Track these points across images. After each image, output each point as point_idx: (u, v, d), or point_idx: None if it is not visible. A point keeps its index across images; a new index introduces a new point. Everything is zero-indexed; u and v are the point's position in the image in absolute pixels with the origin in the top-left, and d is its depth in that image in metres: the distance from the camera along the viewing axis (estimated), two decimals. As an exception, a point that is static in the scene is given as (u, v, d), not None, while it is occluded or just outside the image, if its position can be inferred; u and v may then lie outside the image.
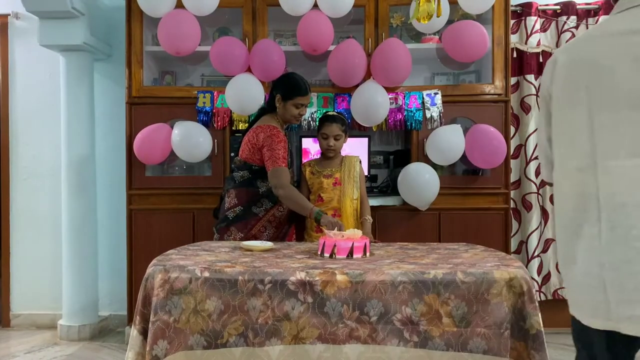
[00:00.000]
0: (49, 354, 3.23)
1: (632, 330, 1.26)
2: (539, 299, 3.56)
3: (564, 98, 1.42)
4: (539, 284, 3.59)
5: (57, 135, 3.65)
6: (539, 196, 3.59)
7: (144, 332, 1.69)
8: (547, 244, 3.59)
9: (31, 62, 3.81)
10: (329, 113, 2.86)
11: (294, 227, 2.85)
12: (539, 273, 3.58)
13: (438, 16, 2.27)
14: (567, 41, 3.53)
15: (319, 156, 2.98)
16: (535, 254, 3.56)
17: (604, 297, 1.29)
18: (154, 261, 1.80)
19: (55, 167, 3.70)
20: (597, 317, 1.32)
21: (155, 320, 1.63)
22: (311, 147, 3.42)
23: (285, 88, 2.65)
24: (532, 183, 3.55)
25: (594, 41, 1.37)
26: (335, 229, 2.30)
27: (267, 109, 2.75)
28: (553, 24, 3.58)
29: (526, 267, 3.50)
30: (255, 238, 2.60)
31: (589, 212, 1.32)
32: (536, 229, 3.56)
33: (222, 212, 2.72)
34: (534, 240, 3.56)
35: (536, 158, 3.57)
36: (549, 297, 3.59)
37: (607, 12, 3.52)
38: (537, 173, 3.57)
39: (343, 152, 2.96)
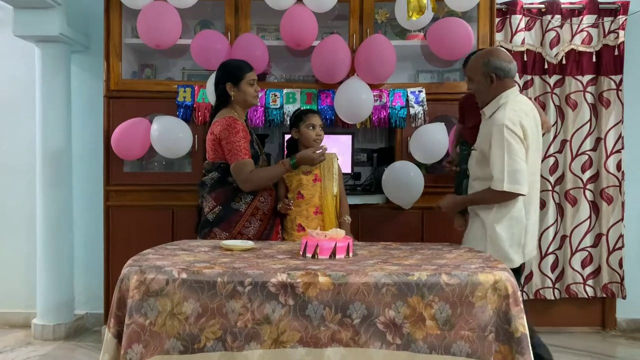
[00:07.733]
0: (22, 354, 3.14)
1: None
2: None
3: None
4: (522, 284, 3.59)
5: (32, 129, 3.53)
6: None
7: (118, 336, 1.63)
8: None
9: (5, 53, 3.68)
10: (305, 108, 2.86)
11: (279, 220, 2.79)
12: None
13: (434, 11, 2.24)
14: (551, 40, 3.54)
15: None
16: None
17: None
18: (129, 261, 1.74)
19: (30, 162, 3.58)
20: None
21: (130, 323, 1.57)
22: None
23: (232, 73, 2.60)
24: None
25: None
26: (320, 150, 2.54)
27: (221, 104, 2.65)
28: (538, 23, 3.57)
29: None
30: (241, 235, 2.53)
31: None
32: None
33: (202, 218, 2.62)
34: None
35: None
36: (531, 297, 3.60)
37: (591, 12, 3.53)
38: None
39: None
